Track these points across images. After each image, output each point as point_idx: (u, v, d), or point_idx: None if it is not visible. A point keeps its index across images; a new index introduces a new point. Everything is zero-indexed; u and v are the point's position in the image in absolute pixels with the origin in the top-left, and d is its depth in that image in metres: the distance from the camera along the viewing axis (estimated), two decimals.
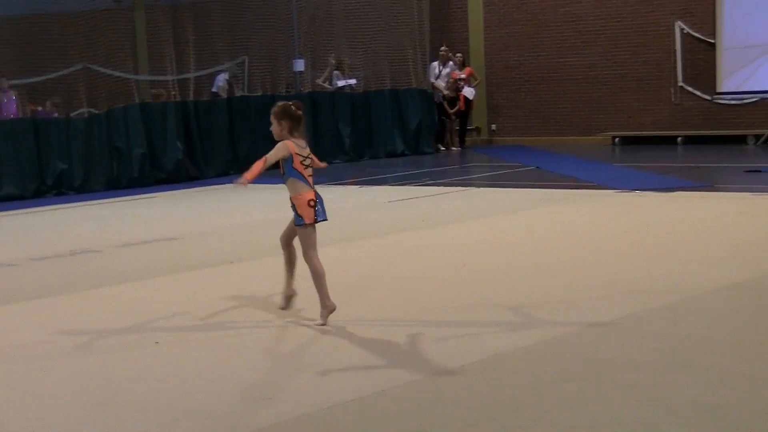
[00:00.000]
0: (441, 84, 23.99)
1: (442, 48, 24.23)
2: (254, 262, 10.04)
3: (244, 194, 16.53)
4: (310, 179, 7.25)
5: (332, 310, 7.23)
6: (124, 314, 7.87)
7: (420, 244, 10.62)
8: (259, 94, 21.07)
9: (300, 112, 7.24)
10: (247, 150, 20.22)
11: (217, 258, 10.29)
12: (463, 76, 24.02)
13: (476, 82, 24.35)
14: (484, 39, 25.53)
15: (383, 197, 14.99)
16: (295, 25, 22.08)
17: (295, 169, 7.17)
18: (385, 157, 22.51)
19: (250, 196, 14.66)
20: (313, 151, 7.45)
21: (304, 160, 7.20)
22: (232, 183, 7.41)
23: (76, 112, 19.16)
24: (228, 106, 20.33)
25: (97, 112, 18.90)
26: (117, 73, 19.35)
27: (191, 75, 20.54)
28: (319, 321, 7.20)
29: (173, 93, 19.99)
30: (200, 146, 19.74)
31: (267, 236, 11.70)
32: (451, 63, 24.15)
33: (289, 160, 7.14)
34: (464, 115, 24.28)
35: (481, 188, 16.12)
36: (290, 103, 7.32)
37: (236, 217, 13.62)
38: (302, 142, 7.26)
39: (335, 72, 22.75)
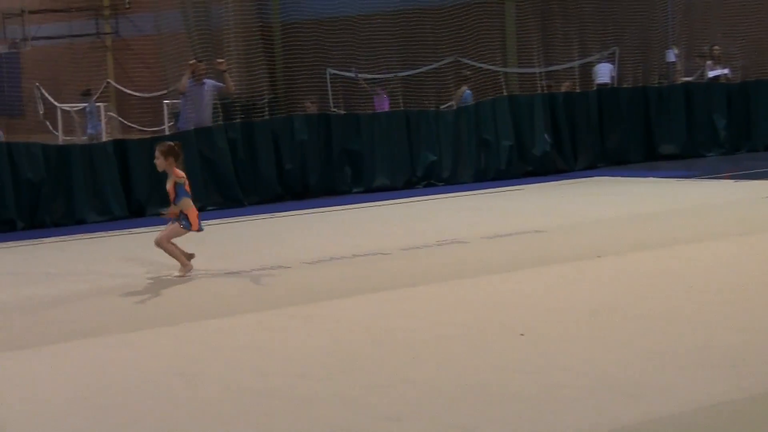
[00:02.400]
0: None
1: None
2: (621, 257, 9.74)
3: (612, 187, 16.23)
4: None
5: (191, 268, 9.71)
6: (489, 305, 7.86)
7: None
8: (629, 85, 20.62)
9: (179, 151, 9.87)
10: (617, 143, 19.83)
11: (584, 252, 10.08)
12: None
13: None
14: None
15: (761, 192, 14.18)
16: (670, 14, 21.42)
17: (187, 192, 9.82)
18: (765, 150, 21.34)
19: (618, 189, 14.29)
20: (686, 143, 7.20)
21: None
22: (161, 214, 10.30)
23: (446, 105, 19.53)
24: (597, 97, 20.00)
25: (466, 104, 19.18)
26: (486, 66, 19.55)
27: (560, 67, 20.43)
28: (177, 273, 9.65)
29: (574, 85, 20.06)
30: (568, 138, 19.53)
31: (634, 231, 11.39)
32: None
33: (182, 185, 9.75)
34: None
35: None
36: (174, 144, 9.91)
37: (603, 211, 13.33)
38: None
39: (707, 62, 21.89)
